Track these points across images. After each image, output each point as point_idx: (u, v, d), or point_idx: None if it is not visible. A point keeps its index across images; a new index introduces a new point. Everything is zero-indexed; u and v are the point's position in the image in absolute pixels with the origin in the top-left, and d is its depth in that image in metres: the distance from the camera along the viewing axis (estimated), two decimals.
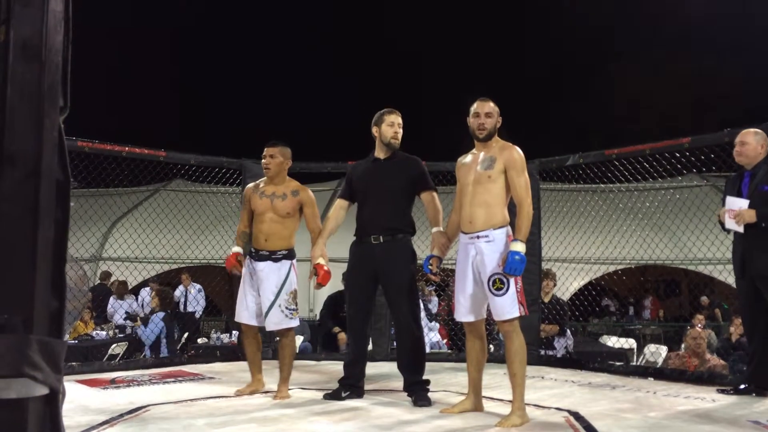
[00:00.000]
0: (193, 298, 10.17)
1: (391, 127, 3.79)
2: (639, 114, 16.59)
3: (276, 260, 3.88)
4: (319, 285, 3.78)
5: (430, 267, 3.48)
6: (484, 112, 3.31)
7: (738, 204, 3.81)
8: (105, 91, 16.80)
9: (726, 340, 6.13)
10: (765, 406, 3.51)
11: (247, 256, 3.98)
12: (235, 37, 19.88)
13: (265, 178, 4.05)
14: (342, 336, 6.10)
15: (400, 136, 3.81)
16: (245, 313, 3.95)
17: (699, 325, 6.45)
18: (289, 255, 3.93)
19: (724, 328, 8.75)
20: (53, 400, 0.91)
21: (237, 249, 3.99)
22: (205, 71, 19.88)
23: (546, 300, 5.95)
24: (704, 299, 10.87)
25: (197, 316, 10.00)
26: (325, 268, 3.76)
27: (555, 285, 6.29)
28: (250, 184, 4.16)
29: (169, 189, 9.60)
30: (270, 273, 3.87)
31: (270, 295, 3.85)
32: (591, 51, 17.93)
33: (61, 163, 0.94)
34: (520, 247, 3.08)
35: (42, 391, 0.89)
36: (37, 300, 0.90)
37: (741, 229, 3.79)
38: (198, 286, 10.29)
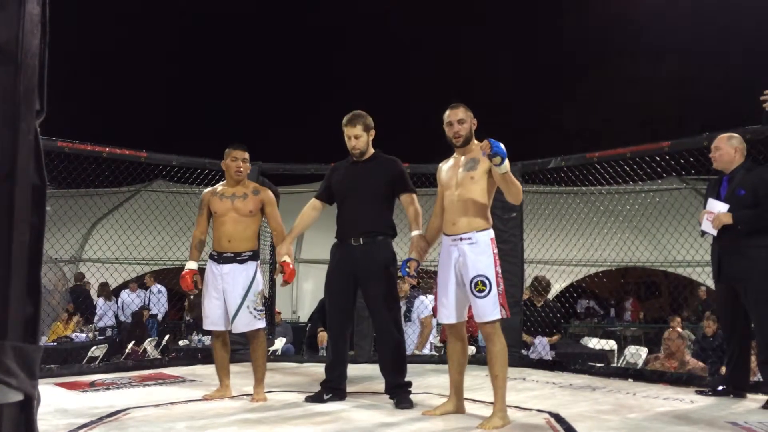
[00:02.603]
0: (155, 302, 9.98)
1: (348, 140, 3.75)
2: (623, 117, 16.76)
3: (242, 262, 3.84)
4: (285, 282, 3.79)
5: (407, 270, 3.47)
6: (457, 119, 3.32)
7: (717, 207, 3.83)
8: (86, 90, 16.65)
9: (703, 337, 6.19)
10: (742, 407, 3.56)
11: (209, 260, 3.93)
12: (229, 36, 19.77)
13: (224, 182, 4.03)
14: (323, 335, 6.02)
15: (360, 144, 3.72)
16: (211, 319, 3.89)
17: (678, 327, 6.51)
18: (254, 256, 3.90)
19: (699, 330, 8.80)
20: (28, 407, 0.90)
21: (192, 266, 3.91)
22: (191, 72, 19.76)
23: (538, 305, 6.02)
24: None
25: (159, 318, 9.87)
26: (291, 266, 3.74)
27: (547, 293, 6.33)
28: (207, 189, 4.10)
29: (150, 190, 9.53)
30: (237, 275, 3.82)
31: (237, 298, 3.81)
32: (577, 55, 18.09)
33: (37, 168, 0.92)
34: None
35: (17, 397, 0.88)
36: (12, 305, 0.89)
37: (714, 232, 3.84)
38: (159, 287, 10.13)
